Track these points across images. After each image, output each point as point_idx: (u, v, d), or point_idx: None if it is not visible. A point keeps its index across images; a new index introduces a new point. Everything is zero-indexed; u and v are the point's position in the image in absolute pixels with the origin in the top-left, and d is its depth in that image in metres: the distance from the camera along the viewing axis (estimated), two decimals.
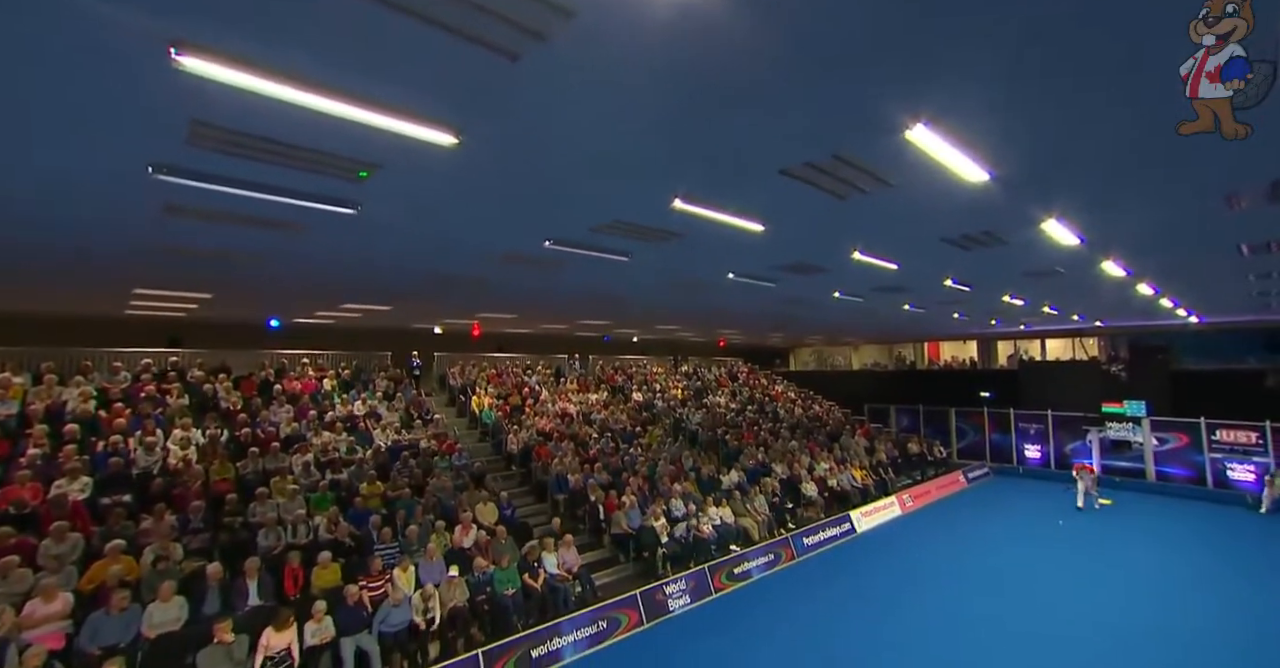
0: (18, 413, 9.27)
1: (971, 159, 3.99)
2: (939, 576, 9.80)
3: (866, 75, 3.02)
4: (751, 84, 3.06)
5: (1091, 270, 8.30)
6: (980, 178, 4.32)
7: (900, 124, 3.49)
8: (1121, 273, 8.43)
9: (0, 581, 6.23)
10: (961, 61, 2.91)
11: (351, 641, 6.77)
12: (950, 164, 4.04)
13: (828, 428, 20.35)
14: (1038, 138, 3.80)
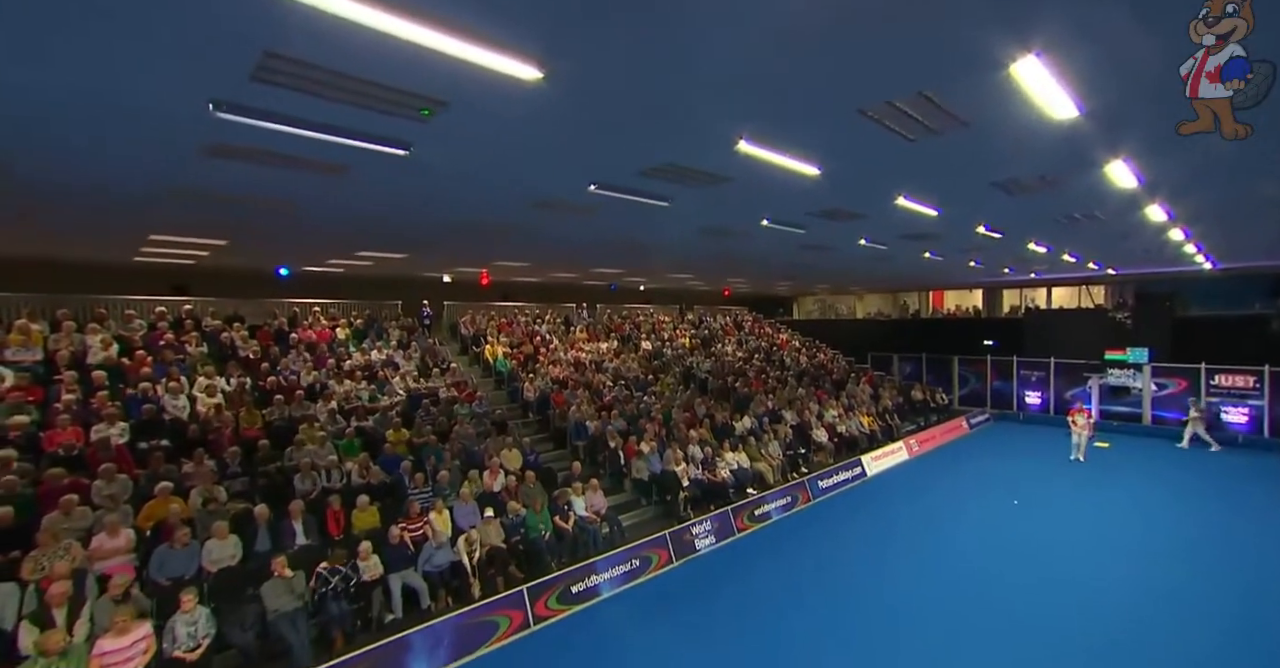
0: (43, 360, 9.22)
1: (1069, 94, 3.80)
2: (947, 516, 10.23)
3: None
4: (855, 12, 2.85)
5: (1131, 216, 8.19)
6: (1069, 115, 4.15)
7: (1005, 58, 3.29)
8: (1163, 217, 8.31)
9: (64, 517, 6.44)
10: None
11: (399, 577, 7.08)
12: (1043, 101, 3.87)
13: (833, 376, 20.65)
14: (1143, 66, 3.57)
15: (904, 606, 6.97)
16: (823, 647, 6.14)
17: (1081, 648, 5.97)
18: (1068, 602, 6.94)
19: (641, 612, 7.03)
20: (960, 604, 6.95)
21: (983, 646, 6.06)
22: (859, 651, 6.04)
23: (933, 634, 6.31)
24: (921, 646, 6.10)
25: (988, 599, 7.06)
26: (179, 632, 5.56)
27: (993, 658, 5.82)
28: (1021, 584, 7.44)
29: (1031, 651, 5.93)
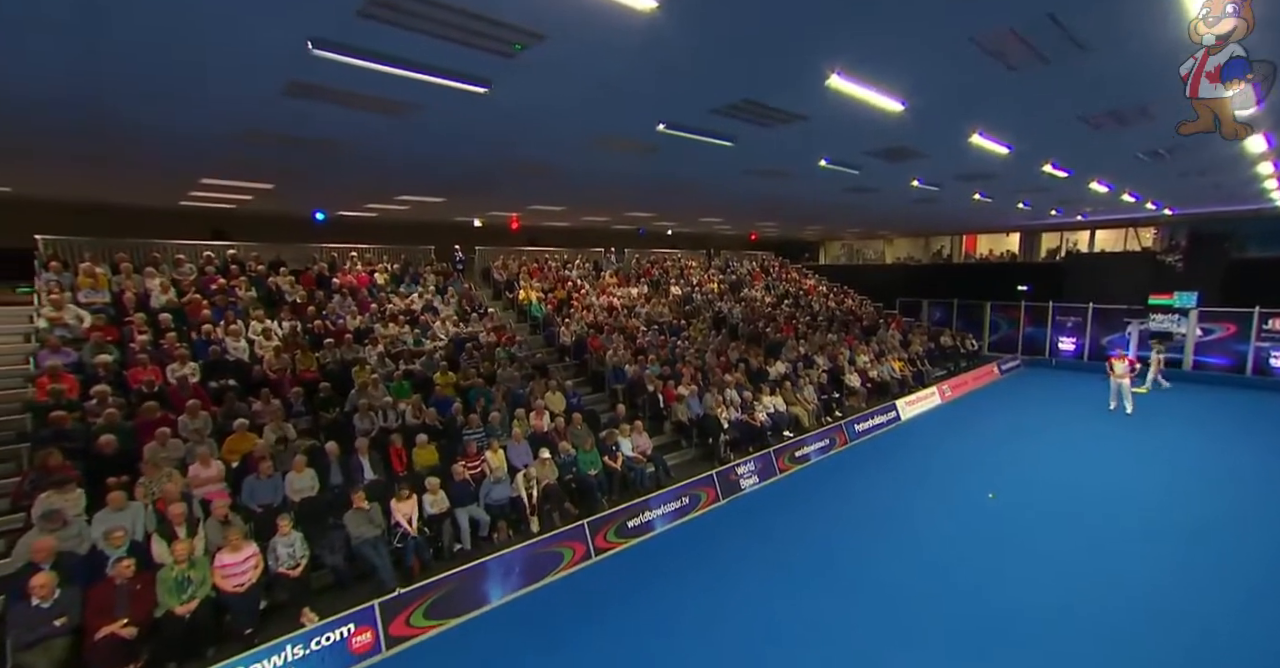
0: (111, 301, 9.46)
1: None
2: (981, 458, 10.35)
3: None
4: None
5: (1225, 149, 7.67)
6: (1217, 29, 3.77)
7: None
8: (1262, 146, 7.77)
9: (160, 448, 6.88)
10: None
11: (464, 511, 7.46)
12: (1194, 12, 3.48)
13: (863, 322, 20.46)
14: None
15: (938, 542, 7.17)
16: (863, 578, 6.41)
17: (1112, 589, 6.07)
18: (1101, 541, 7.06)
19: (693, 546, 7.38)
20: (995, 541, 7.13)
21: (1014, 580, 6.24)
22: (898, 584, 6.27)
23: (967, 566, 6.53)
24: (956, 576, 6.33)
25: (1022, 538, 7.22)
26: (280, 552, 6.00)
27: (1024, 595, 5.98)
28: (1056, 524, 7.57)
29: (1064, 590, 6.05)
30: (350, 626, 5.27)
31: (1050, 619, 5.51)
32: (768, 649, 5.25)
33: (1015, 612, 5.65)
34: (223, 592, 5.52)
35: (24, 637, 4.62)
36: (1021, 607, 5.73)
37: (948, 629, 5.42)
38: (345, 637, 5.22)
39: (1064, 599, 5.85)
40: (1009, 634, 5.30)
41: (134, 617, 4.98)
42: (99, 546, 5.52)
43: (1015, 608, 5.72)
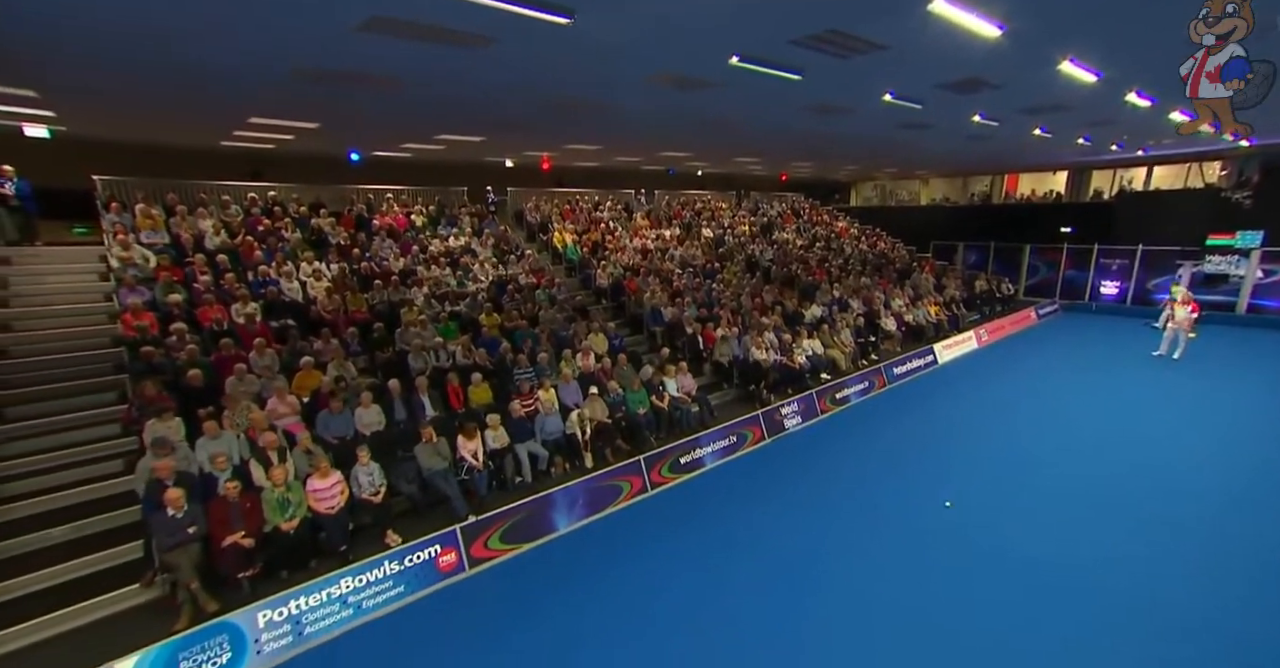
0: (170, 242, 9.59)
1: None
2: (1020, 402, 10.32)
3: None
4: None
5: None
6: None
7: None
8: None
9: (238, 382, 7.18)
10: None
11: (524, 446, 7.74)
12: None
13: (896, 265, 19.98)
14: None
15: (974, 484, 7.25)
16: (899, 513, 6.59)
17: (1143, 541, 5.92)
18: (1140, 492, 6.95)
19: (741, 481, 7.64)
20: (1028, 485, 7.16)
21: (1042, 522, 6.29)
22: (939, 522, 6.42)
23: (999, 510, 6.61)
24: (988, 517, 6.45)
25: (1053, 483, 7.18)
26: (362, 480, 6.36)
27: (1052, 536, 6.01)
28: (1093, 471, 7.51)
29: (1095, 537, 6.01)
30: (436, 547, 5.65)
31: (1076, 567, 5.47)
32: (811, 570, 5.55)
33: (1044, 556, 5.65)
34: (316, 513, 5.91)
35: (165, 541, 5.14)
36: (1048, 549, 5.75)
37: (971, 569, 5.49)
38: (433, 556, 5.61)
39: (1092, 547, 5.80)
40: (1031, 580, 5.31)
41: (249, 530, 5.41)
42: (205, 468, 5.92)
43: (1041, 550, 5.73)
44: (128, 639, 4.58)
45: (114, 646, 4.47)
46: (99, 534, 5.86)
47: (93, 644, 4.70)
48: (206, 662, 4.41)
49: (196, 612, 5.03)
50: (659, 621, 4.94)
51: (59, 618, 4.99)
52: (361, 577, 5.21)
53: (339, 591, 5.08)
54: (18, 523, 5.85)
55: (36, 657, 4.73)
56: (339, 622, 5.03)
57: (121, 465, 6.59)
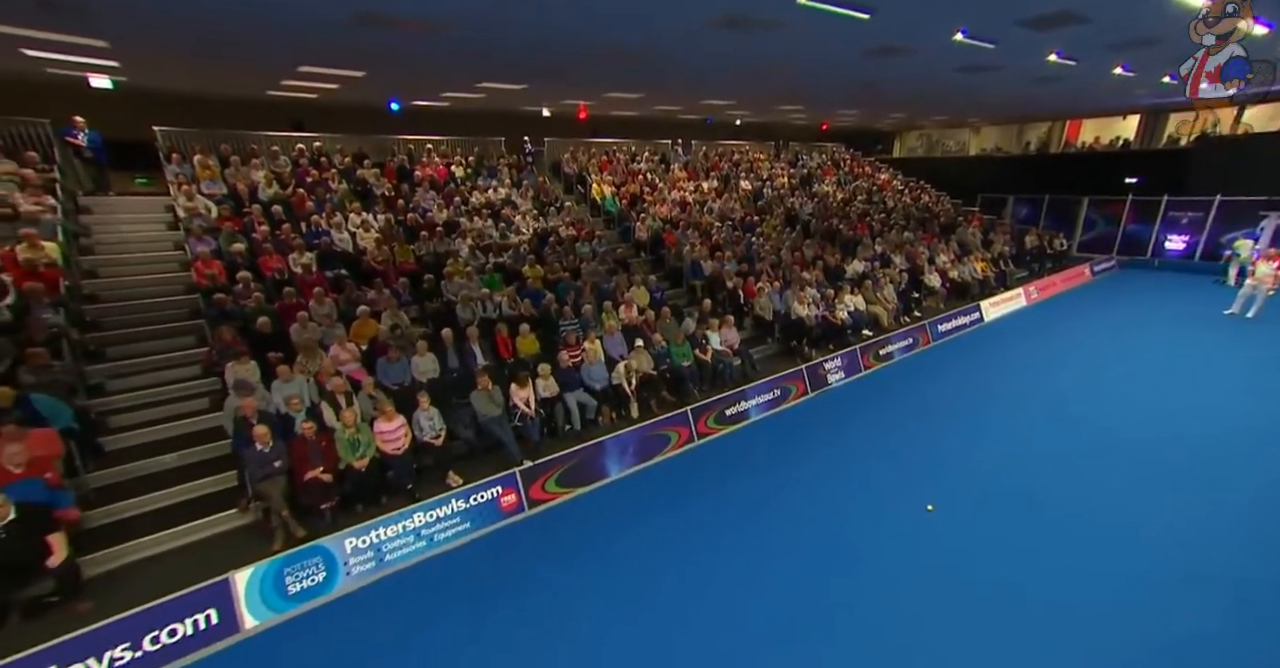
0: (226, 193, 9.74)
1: None
2: (1067, 362, 9.90)
3: None
4: None
5: None
6: None
7: None
8: None
9: (303, 329, 7.41)
10: None
11: (572, 396, 7.87)
12: None
13: (940, 220, 19.08)
14: None
15: (1015, 441, 7.10)
16: (945, 470, 6.51)
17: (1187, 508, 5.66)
18: (1193, 460, 6.53)
19: (784, 434, 7.67)
20: (1073, 445, 6.95)
21: (1080, 479, 6.15)
22: (979, 475, 6.34)
23: (1041, 465, 6.46)
24: (1029, 472, 6.32)
25: (1101, 445, 6.92)
26: (423, 424, 6.60)
27: (1087, 498, 5.84)
28: (1144, 430, 7.24)
29: (1132, 498, 5.82)
30: (498, 488, 5.89)
31: (1116, 528, 5.33)
32: (849, 521, 5.60)
33: (1078, 514, 5.52)
34: (384, 454, 6.20)
35: (256, 473, 5.52)
36: (1081, 509, 5.60)
37: (1005, 526, 5.41)
38: (495, 497, 5.86)
39: (1139, 512, 5.60)
40: (1063, 536, 5.21)
41: (326, 466, 5.73)
42: (281, 409, 6.23)
43: (1073, 509, 5.60)
44: (235, 556, 5.01)
45: (224, 560, 4.89)
46: (198, 464, 6.31)
47: (206, 558, 5.17)
48: (306, 578, 4.78)
49: (288, 536, 5.43)
50: (708, 564, 5.10)
51: (176, 534, 5.50)
52: (432, 513, 5.50)
53: (413, 524, 5.38)
54: (129, 451, 6.33)
55: (163, 565, 5.24)
56: (414, 552, 5.35)
57: (207, 404, 6.97)
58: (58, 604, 4.49)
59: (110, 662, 3.93)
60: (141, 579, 4.97)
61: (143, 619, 4.08)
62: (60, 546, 4.47)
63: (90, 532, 5.29)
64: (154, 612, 4.14)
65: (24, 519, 4.32)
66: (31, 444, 4.76)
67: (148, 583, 4.79)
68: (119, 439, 6.39)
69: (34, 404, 5.19)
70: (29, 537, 4.34)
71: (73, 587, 4.57)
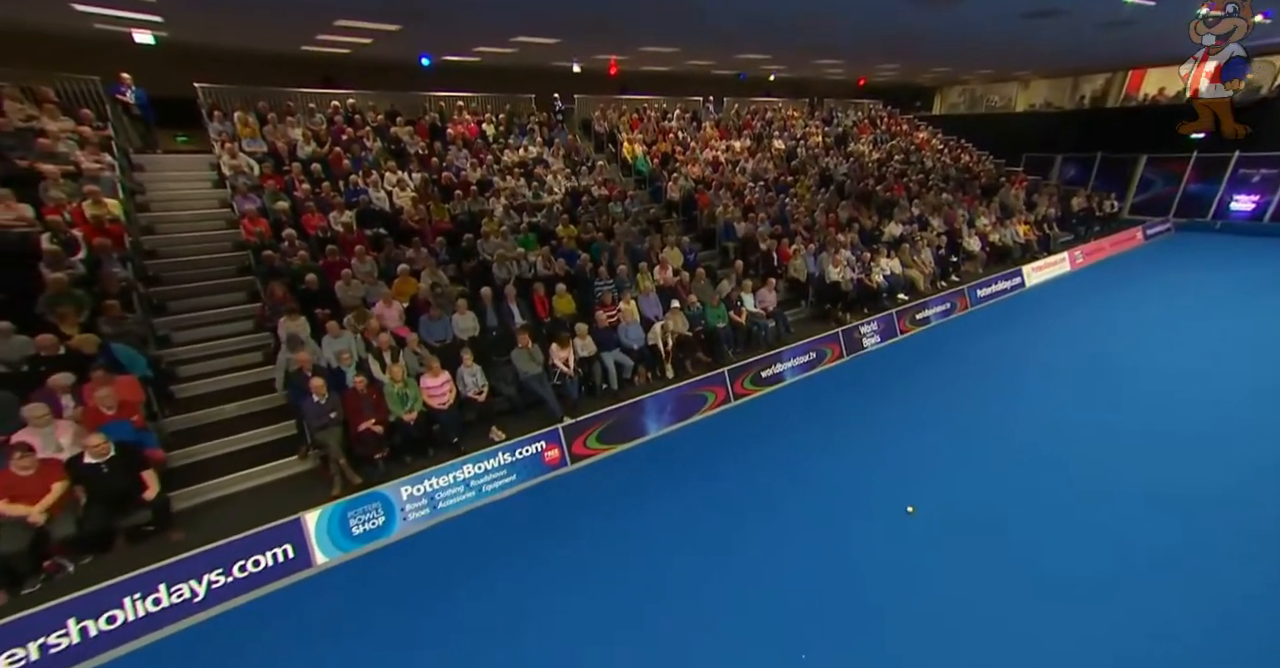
0: (268, 150, 9.77)
1: None
2: (1110, 330, 9.54)
3: None
4: None
5: None
6: None
7: None
8: None
9: (346, 286, 7.56)
10: None
11: (610, 355, 7.93)
12: None
13: (982, 181, 18.24)
14: None
15: (1053, 409, 6.92)
16: (976, 435, 6.43)
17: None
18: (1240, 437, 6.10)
19: (819, 396, 7.66)
20: (1108, 413, 6.71)
21: (1117, 448, 5.97)
22: (1012, 444, 6.24)
23: (1076, 437, 6.27)
24: (1060, 443, 6.17)
25: (1139, 415, 6.65)
26: (467, 380, 6.77)
27: (1122, 468, 5.67)
28: (1196, 408, 6.80)
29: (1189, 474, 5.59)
30: (542, 442, 6.06)
31: (1137, 498, 5.19)
32: (881, 482, 5.63)
33: (1116, 484, 5.40)
34: (431, 408, 6.39)
35: (314, 423, 5.78)
36: (1117, 479, 5.47)
37: (1034, 495, 5.32)
38: (539, 451, 6.04)
39: (1166, 478, 5.46)
40: (1099, 506, 5.09)
41: (378, 418, 5.95)
42: (333, 363, 6.43)
43: (1111, 480, 5.46)
44: (299, 499, 5.31)
45: (290, 502, 5.19)
46: (257, 414, 6.61)
47: (274, 499, 5.50)
48: (367, 521, 5.06)
49: (345, 483, 5.71)
50: (742, 521, 5.23)
51: (244, 477, 5.83)
52: (480, 464, 5.71)
53: (463, 475, 5.60)
54: (195, 399, 6.65)
55: (235, 504, 5.59)
56: (464, 501, 5.60)
57: (261, 358, 7.24)
58: (154, 533, 4.89)
59: (208, 584, 4.30)
60: (219, 516, 5.32)
61: (232, 549, 4.41)
62: (153, 481, 4.81)
63: (171, 472, 5.64)
64: (240, 544, 4.46)
65: (122, 456, 4.66)
66: (118, 389, 5.05)
67: (225, 519, 5.13)
68: (186, 388, 6.71)
69: (114, 353, 5.46)
70: (127, 472, 4.69)
71: (165, 518, 4.94)
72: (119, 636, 3.98)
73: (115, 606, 3.97)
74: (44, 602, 3.85)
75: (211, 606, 4.33)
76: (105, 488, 4.58)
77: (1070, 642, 3.76)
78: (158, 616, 4.10)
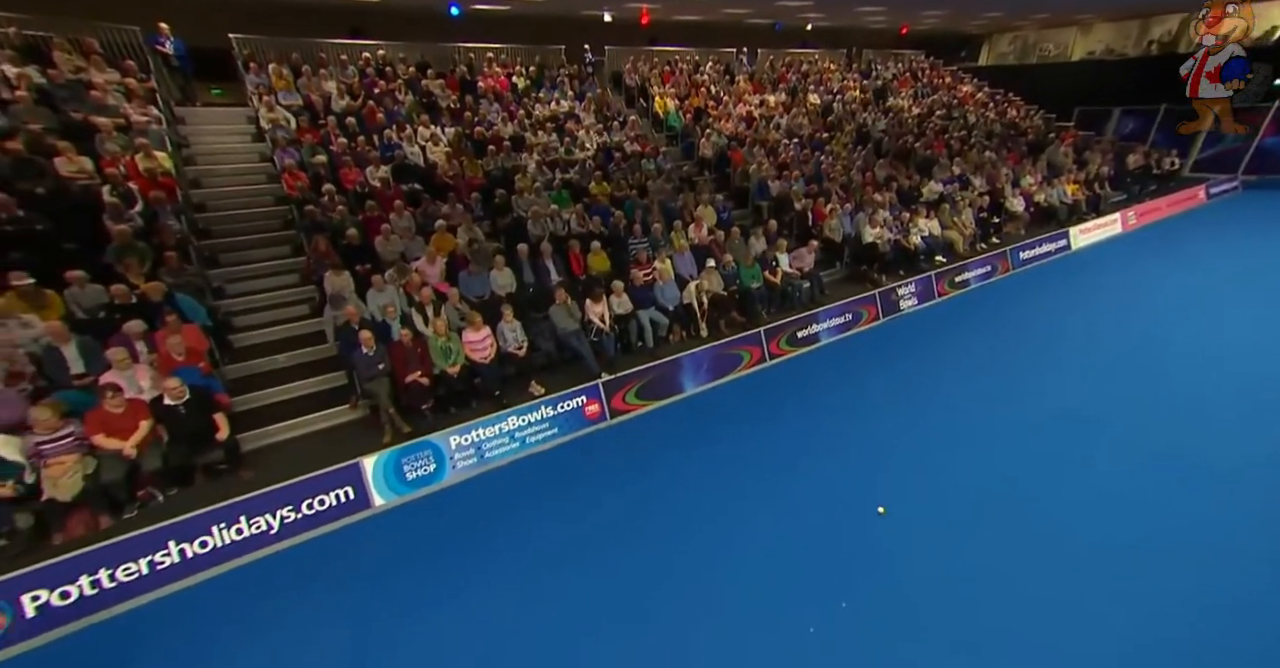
0: (301, 104, 9.70)
1: None
2: (1159, 295, 9.08)
3: None
4: None
5: None
6: None
7: None
8: None
9: (385, 241, 7.62)
10: None
11: (645, 313, 7.94)
12: None
13: (1029, 137, 17.24)
14: None
15: (1092, 376, 6.65)
16: (1012, 400, 6.27)
17: None
18: None
19: (854, 357, 7.60)
20: (1158, 386, 6.36)
21: (1157, 423, 5.69)
22: (1047, 411, 6.06)
23: (1116, 406, 6.02)
24: (1099, 410, 5.95)
25: (1185, 392, 6.22)
26: (507, 335, 6.86)
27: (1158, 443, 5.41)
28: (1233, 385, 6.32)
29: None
30: (583, 397, 6.18)
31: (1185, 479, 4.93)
32: (911, 442, 5.62)
33: (1153, 456, 5.19)
34: (473, 362, 6.53)
35: (364, 374, 5.97)
36: (1156, 451, 5.26)
37: (1070, 464, 5.16)
38: (580, 406, 6.17)
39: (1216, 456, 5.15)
40: (1140, 479, 4.92)
41: (423, 370, 6.11)
42: (378, 317, 6.57)
43: (1150, 451, 5.26)
44: (352, 446, 5.54)
45: (343, 450, 5.42)
46: (307, 364, 6.84)
47: (329, 445, 5.75)
48: (420, 468, 5.29)
49: (395, 431, 5.93)
50: (778, 477, 5.31)
51: (300, 423, 6.10)
52: (524, 417, 5.86)
53: (508, 426, 5.77)
54: (252, 349, 6.89)
55: (295, 448, 5.86)
56: (509, 451, 5.79)
57: (307, 310, 7.42)
58: (226, 471, 5.21)
59: (281, 519, 4.60)
60: (280, 458, 5.61)
61: (300, 488, 4.70)
62: (223, 424, 5.10)
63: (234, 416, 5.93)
64: (307, 483, 4.73)
65: (196, 399, 4.94)
66: (186, 337, 5.27)
67: (285, 462, 5.41)
68: (239, 339, 6.95)
69: (178, 302, 5.67)
70: (201, 414, 4.96)
71: (236, 458, 5.25)
72: (209, 559, 4.35)
73: (205, 532, 4.32)
74: (142, 527, 4.19)
75: (284, 538, 4.64)
76: (184, 428, 4.87)
77: (1097, 611, 3.71)
78: (240, 544, 4.44)
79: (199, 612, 4.10)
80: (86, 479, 4.44)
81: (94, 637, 3.93)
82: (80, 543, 4.15)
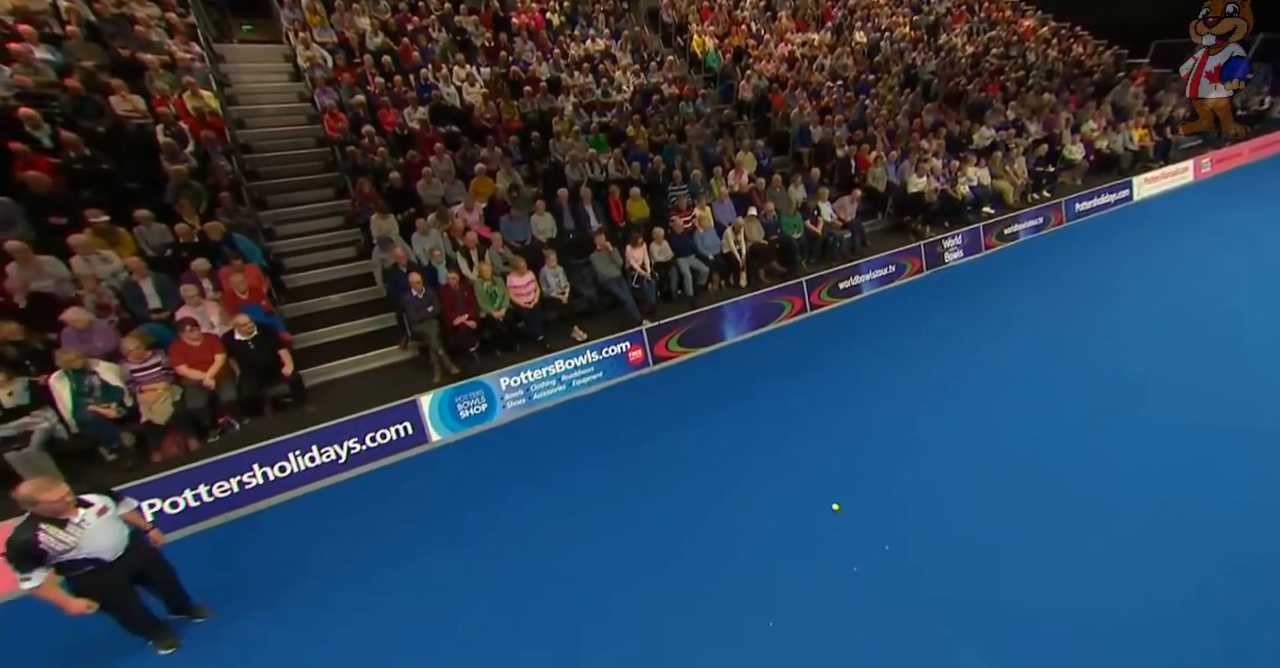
0: (336, 41, 9.39)
1: None
2: (1226, 251, 8.36)
3: None
4: None
5: None
6: None
7: None
8: None
9: (427, 185, 7.53)
10: None
11: (686, 261, 7.81)
12: None
13: (1095, 77, 15.82)
14: None
15: (1143, 341, 6.24)
16: (1057, 358, 6.03)
17: None
18: None
19: (895, 310, 7.39)
20: (1206, 355, 5.90)
21: (1207, 391, 5.31)
22: (1093, 371, 5.78)
23: (1164, 371, 5.68)
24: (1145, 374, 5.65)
25: (1251, 359, 5.74)
26: (550, 281, 6.85)
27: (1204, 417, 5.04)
28: None
29: None
30: (626, 343, 6.20)
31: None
32: (949, 396, 5.50)
33: (1200, 427, 4.88)
34: (517, 306, 6.57)
35: (414, 315, 6.06)
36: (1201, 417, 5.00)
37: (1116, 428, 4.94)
38: (624, 351, 6.20)
39: None
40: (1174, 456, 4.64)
41: (470, 314, 6.19)
42: (424, 260, 6.60)
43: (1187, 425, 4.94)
44: (405, 385, 5.71)
45: (397, 388, 5.59)
46: (358, 305, 6.96)
47: (381, 385, 5.92)
48: (473, 407, 5.45)
49: (445, 372, 6.08)
50: (820, 425, 5.29)
51: (355, 362, 6.27)
52: (570, 361, 5.93)
53: (555, 370, 5.85)
54: (304, 290, 7.02)
55: (351, 385, 6.06)
56: (556, 394, 5.90)
57: (354, 252, 7.48)
58: (292, 404, 5.46)
59: (349, 450, 4.84)
60: (338, 394, 5.83)
61: (364, 422, 4.90)
62: (288, 359, 5.29)
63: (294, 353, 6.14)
64: (370, 418, 4.93)
65: (262, 334, 5.11)
66: (247, 276, 5.40)
67: (343, 398, 5.62)
68: (292, 279, 7.08)
69: (235, 242, 5.77)
70: (268, 349, 5.16)
71: (301, 392, 5.48)
72: (287, 483, 4.64)
73: (283, 458, 4.59)
74: (225, 452, 4.48)
75: (351, 468, 4.89)
76: (253, 362, 5.07)
77: (1136, 569, 3.65)
78: (313, 470, 4.70)
79: (286, 526, 4.43)
80: (175, 406, 4.73)
81: (198, 543, 4.31)
82: (177, 462, 4.49)
